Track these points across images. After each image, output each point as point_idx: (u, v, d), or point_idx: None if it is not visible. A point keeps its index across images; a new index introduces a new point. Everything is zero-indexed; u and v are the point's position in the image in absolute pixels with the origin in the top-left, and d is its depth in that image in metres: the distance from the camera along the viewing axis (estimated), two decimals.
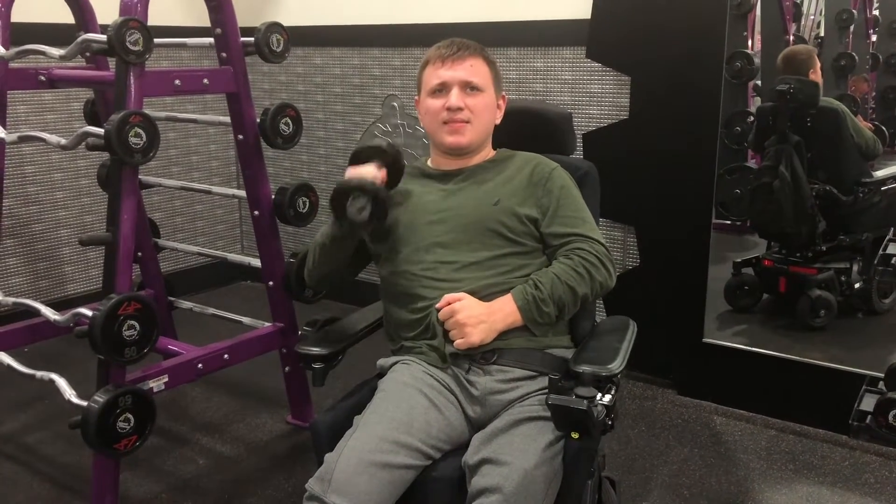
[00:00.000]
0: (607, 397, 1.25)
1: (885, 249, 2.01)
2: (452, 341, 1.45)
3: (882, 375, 2.22)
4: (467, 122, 1.58)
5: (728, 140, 3.27)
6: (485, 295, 1.48)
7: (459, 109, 1.57)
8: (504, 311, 1.46)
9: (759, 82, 3.40)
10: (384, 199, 1.46)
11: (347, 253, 1.62)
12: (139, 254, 2.60)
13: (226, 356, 2.18)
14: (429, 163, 1.71)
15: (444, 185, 1.63)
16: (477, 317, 1.43)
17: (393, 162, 1.55)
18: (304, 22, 3.35)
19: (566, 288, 1.47)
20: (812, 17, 3.63)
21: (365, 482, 1.26)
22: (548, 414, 1.30)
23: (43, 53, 1.99)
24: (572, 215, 1.56)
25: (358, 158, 1.54)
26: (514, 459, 1.26)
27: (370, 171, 1.50)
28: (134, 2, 1.86)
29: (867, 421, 1.99)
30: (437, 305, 1.46)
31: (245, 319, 2.46)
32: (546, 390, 1.29)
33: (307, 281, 1.72)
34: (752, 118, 3.26)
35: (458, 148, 1.61)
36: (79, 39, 1.89)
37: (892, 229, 2.31)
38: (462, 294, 1.46)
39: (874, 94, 3.46)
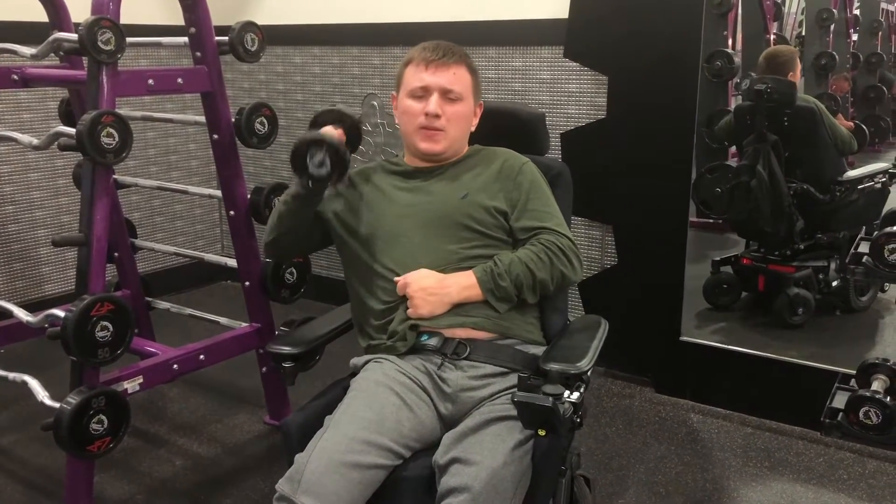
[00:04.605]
0: (575, 395, 1.25)
1: (857, 248, 2.02)
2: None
3: (854, 372, 2.24)
4: (442, 129, 1.59)
5: (709, 139, 3.28)
6: None
7: (437, 117, 1.58)
8: (460, 285, 1.49)
9: (739, 80, 3.42)
10: (342, 153, 1.48)
11: (308, 215, 1.62)
12: (115, 254, 2.59)
13: (202, 357, 2.17)
14: (404, 159, 1.71)
15: (415, 181, 1.64)
16: (426, 289, 1.47)
17: (351, 124, 1.59)
18: (283, 21, 3.34)
19: (525, 269, 1.50)
20: (793, 16, 3.65)
21: (335, 482, 1.26)
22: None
23: (14, 52, 1.98)
24: (541, 209, 1.58)
25: (315, 123, 1.58)
26: (483, 459, 1.27)
27: (327, 130, 1.53)
28: (106, 1, 1.85)
29: (839, 418, 2.01)
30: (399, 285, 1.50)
31: (222, 320, 2.45)
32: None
33: (267, 249, 1.70)
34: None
35: (432, 155, 1.63)
36: (50, 38, 1.88)
37: (864, 228, 2.32)
38: (420, 271, 1.50)
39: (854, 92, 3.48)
